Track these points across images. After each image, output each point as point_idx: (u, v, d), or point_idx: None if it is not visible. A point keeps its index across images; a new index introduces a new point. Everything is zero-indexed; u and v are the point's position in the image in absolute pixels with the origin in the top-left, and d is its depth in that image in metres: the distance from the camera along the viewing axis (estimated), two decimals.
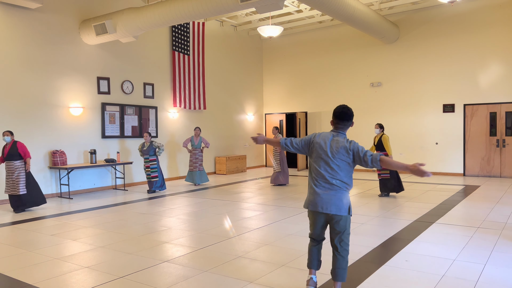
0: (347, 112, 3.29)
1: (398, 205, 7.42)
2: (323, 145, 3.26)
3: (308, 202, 3.38)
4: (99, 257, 4.58)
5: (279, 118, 15.62)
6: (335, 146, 3.23)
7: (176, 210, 7.32)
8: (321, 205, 3.28)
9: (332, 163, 3.22)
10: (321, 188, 3.26)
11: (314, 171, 3.31)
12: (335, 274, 3.32)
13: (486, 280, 3.69)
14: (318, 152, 3.28)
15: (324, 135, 3.32)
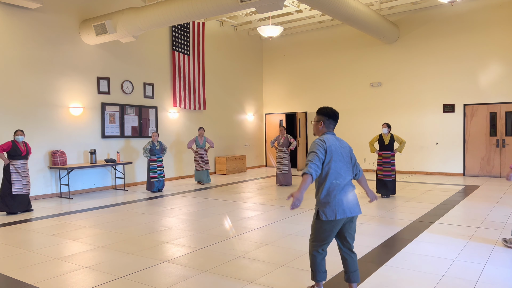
0: (337, 113, 3.36)
1: (398, 205, 7.42)
2: (338, 148, 3.22)
3: (335, 211, 3.11)
4: (99, 257, 4.58)
5: (279, 118, 15.62)
6: (344, 146, 3.29)
7: (176, 210, 7.32)
8: (349, 210, 3.18)
9: (347, 164, 3.28)
10: (346, 192, 3.21)
11: (336, 176, 3.18)
12: (354, 276, 3.26)
13: (486, 280, 3.69)
14: (335, 156, 3.18)
15: (331, 137, 3.25)
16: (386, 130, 8.31)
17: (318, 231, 3.20)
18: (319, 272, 3.28)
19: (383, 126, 8.35)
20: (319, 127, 3.32)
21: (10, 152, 7.10)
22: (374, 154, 13.44)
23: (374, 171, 13.35)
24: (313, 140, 3.25)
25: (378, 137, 8.47)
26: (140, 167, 10.92)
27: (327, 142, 3.17)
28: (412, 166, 12.58)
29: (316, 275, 3.29)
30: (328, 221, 3.13)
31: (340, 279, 3.79)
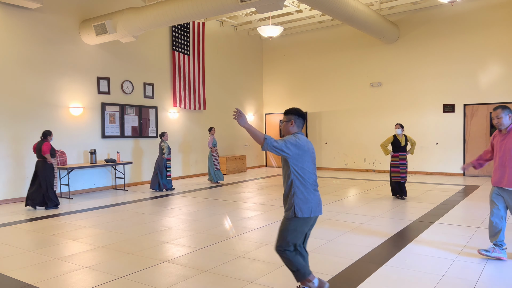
0: (305, 113, 3.40)
1: (398, 205, 7.42)
2: (311, 148, 3.28)
3: (311, 209, 3.17)
4: (99, 257, 4.58)
5: (279, 118, 15.62)
6: (312, 148, 3.33)
7: (176, 210, 7.32)
8: (319, 209, 3.27)
9: (315, 166, 3.34)
10: (316, 191, 3.28)
11: (309, 175, 3.21)
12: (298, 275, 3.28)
13: (486, 280, 3.69)
14: (307, 156, 3.21)
15: (303, 137, 3.27)
16: (400, 130, 7.94)
17: (295, 230, 3.18)
18: (303, 266, 3.22)
19: (397, 127, 7.97)
20: (289, 127, 3.31)
21: (51, 151, 7.54)
22: (373, 154, 13.44)
23: (374, 171, 13.37)
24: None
25: (393, 138, 8.03)
26: (140, 167, 10.93)
27: (300, 141, 3.18)
28: (412, 166, 12.58)
29: (303, 273, 3.22)
30: (304, 218, 3.16)
31: (340, 279, 3.79)
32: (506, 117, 4.15)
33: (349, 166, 13.99)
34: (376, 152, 13.35)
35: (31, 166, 8.61)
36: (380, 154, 13.22)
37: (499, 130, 4.29)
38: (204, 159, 13.02)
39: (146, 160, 11.13)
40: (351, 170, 13.87)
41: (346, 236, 5.28)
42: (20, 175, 8.48)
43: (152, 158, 11.27)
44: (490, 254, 4.23)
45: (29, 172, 8.56)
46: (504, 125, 4.16)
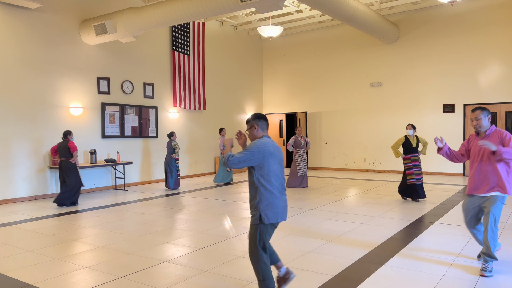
0: (265, 116, 3.47)
1: (398, 205, 7.42)
2: (277, 151, 3.26)
3: (277, 214, 3.18)
4: (99, 257, 4.58)
5: (279, 118, 15.62)
6: (279, 151, 3.32)
7: (176, 210, 7.32)
8: (286, 213, 3.29)
9: (282, 168, 3.31)
10: (283, 195, 3.27)
11: (275, 178, 3.20)
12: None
13: (486, 280, 3.69)
14: (273, 159, 3.20)
15: (268, 140, 3.27)
16: (411, 131, 7.68)
17: (262, 235, 3.18)
18: (270, 278, 3.21)
19: (408, 128, 7.71)
20: (254, 132, 3.32)
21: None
22: (373, 154, 13.44)
23: (374, 171, 13.37)
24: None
25: (404, 139, 7.77)
26: (140, 167, 10.93)
27: (264, 145, 3.17)
28: None
29: (269, 284, 3.20)
30: (271, 224, 3.18)
31: (340, 279, 3.79)
32: (485, 118, 3.91)
33: (349, 166, 13.99)
34: (376, 152, 13.35)
35: (31, 166, 8.61)
36: (380, 154, 13.22)
37: (476, 133, 4.02)
38: (204, 159, 13.02)
39: (146, 160, 11.13)
40: (351, 170, 13.87)
41: (346, 236, 5.28)
42: (21, 175, 8.48)
43: (152, 158, 11.28)
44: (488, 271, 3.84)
45: (29, 172, 8.57)
46: (483, 127, 3.91)
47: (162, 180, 11.53)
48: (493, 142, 3.79)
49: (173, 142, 9.93)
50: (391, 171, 13.00)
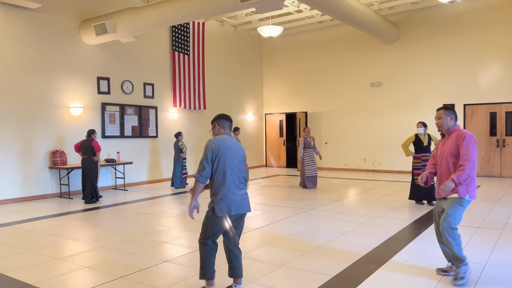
0: (228, 115, 3.63)
1: (398, 205, 7.42)
2: (233, 147, 3.39)
3: (230, 207, 3.37)
4: (99, 257, 4.58)
5: (279, 118, 15.62)
6: (239, 147, 3.47)
7: (176, 210, 7.32)
8: (242, 207, 3.44)
9: (241, 164, 3.44)
10: (240, 189, 3.41)
11: (231, 172, 3.34)
12: (239, 272, 3.44)
13: (486, 280, 3.69)
14: (229, 153, 3.35)
15: (226, 137, 3.43)
16: (422, 129, 7.32)
17: (212, 226, 3.39)
18: (209, 269, 3.40)
19: (419, 126, 7.35)
20: (215, 131, 3.53)
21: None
22: (373, 154, 13.44)
23: (374, 171, 13.37)
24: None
25: (414, 138, 7.41)
26: (140, 167, 10.93)
27: (216, 143, 3.34)
28: None
29: (206, 273, 3.39)
30: (223, 216, 3.35)
31: (340, 279, 3.79)
32: (448, 118, 3.74)
33: (349, 166, 13.99)
34: (376, 152, 13.35)
35: (31, 166, 8.61)
36: (380, 154, 13.22)
37: (442, 135, 3.85)
38: None
39: (146, 160, 11.13)
40: (351, 170, 13.87)
41: (346, 236, 5.28)
42: (21, 175, 8.48)
43: (152, 158, 11.28)
44: (449, 273, 3.77)
45: (29, 172, 8.57)
46: (444, 127, 3.75)
47: (162, 180, 11.54)
48: (450, 143, 3.67)
49: (180, 142, 10.14)
50: (391, 171, 13.00)
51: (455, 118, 3.79)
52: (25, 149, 8.53)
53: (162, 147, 11.53)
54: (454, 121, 3.79)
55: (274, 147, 15.67)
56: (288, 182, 11.07)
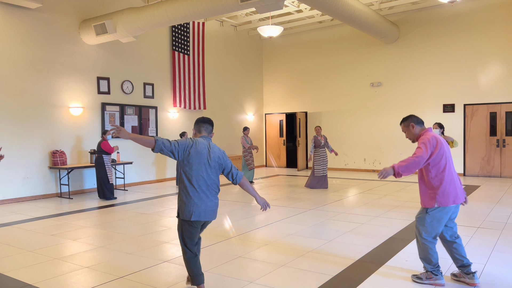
0: (207, 118, 3.56)
1: (398, 205, 7.42)
2: (205, 153, 3.31)
3: (191, 212, 3.28)
4: (99, 257, 4.58)
5: (279, 118, 15.62)
6: (214, 152, 3.38)
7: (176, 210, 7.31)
8: (204, 214, 3.35)
9: (213, 170, 3.36)
10: (206, 195, 3.33)
11: (197, 178, 3.27)
12: (202, 278, 3.42)
13: (486, 280, 3.69)
14: (198, 158, 3.28)
15: (200, 140, 3.38)
16: (438, 131, 6.81)
17: (182, 230, 3.38)
18: (197, 273, 3.37)
19: (434, 127, 6.89)
20: (193, 135, 3.56)
21: (108, 149, 8.51)
22: (373, 154, 13.44)
23: (374, 171, 13.37)
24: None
25: None
26: (140, 167, 10.93)
27: (193, 143, 3.29)
28: None
29: (197, 277, 3.37)
30: (186, 220, 3.29)
31: (340, 279, 3.79)
32: (409, 128, 3.67)
33: (349, 166, 13.99)
34: (376, 152, 13.35)
35: (31, 166, 8.61)
36: (380, 154, 13.22)
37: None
38: None
39: (146, 160, 11.13)
40: (351, 170, 13.87)
41: (346, 236, 5.28)
42: (21, 175, 8.48)
43: (152, 158, 11.27)
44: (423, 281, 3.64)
45: (29, 172, 8.57)
46: (412, 137, 3.70)
47: (162, 180, 11.54)
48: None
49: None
50: None
51: (416, 122, 3.67)
52: (25, 149, 8.53)
53: None
54: (418, 126, 3.66)
55: (274, 147, 15.67)
56: (288, 182, 11.07)
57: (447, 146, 3.62)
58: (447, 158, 3.54)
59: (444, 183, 3.49)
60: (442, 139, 3.59)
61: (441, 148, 3.50)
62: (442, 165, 3.50)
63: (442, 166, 3.49)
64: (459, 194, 3.55)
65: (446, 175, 3.49)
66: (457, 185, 3.57)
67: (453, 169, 3.61)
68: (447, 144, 3.66)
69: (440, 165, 3.49)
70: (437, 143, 3.49)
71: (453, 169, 3.60)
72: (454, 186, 3.53)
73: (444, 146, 3.56)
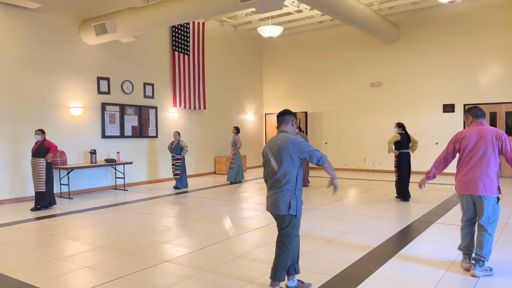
0: (282, 112, 3.55)
1: (398, 205, 7.42)
2: (273, 147, 3.40)
3: (267, 205, 3.51)
4: (99, 257, 4.58)
5: None
6: (282, 142, 3.36)
7: (176, 210, 7.32)
8: (270, 207, 3.45)
9: (283, 162, 3.34)
10: (270, 190, 3.44)
11: (265, 174, 3.50)
12: (272, 273, 3.42)
13: (486, 280, 3.69)
14: (268, 155, 3.42)
15: (273, 138, 3.47)
16: (397, 130, 7.96)
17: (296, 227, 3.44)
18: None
19: (395, 127, 8.02)
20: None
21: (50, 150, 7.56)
22: (373, 154, 13.44)
23: (374, 171, 13.37)
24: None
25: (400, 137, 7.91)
26: (140, 167, 10.93)
27: (267, 143, 3.49)
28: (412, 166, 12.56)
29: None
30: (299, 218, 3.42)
31: (340, 279, 3.79)
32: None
33: (349, 166, 13.99)
34: (376, 152, 13.35)
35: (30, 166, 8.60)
36: (380, 154, 13.22)
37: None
38: (204, 159, 13.03)
39: (146, 160, 11.13)
40: (351, 170, 13.87)
41: (346, 236, 5.28)
42: (20, 175, 8.48)
43: (152, 158, 11.27)
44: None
45: (29, 172, 8.57)
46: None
47: (162, 180, 11.54)
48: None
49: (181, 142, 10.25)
50: (391, 171, 12.99)
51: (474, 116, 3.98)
52: (25, 149, 8.53)
53: (162, 147, 11.53)
54: (475, 119, 3.97)
55: None
56: None
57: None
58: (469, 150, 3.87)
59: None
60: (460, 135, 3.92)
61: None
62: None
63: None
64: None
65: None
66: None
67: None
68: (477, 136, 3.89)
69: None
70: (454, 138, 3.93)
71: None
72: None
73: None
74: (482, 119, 3.95)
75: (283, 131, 3.45)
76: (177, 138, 10.03)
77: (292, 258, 3.38)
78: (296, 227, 3.37)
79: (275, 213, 3.36)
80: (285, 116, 3.47)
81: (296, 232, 3.38)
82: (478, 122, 3.93)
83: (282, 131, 3.45)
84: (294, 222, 3.35)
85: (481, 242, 3.80)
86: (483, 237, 3.81)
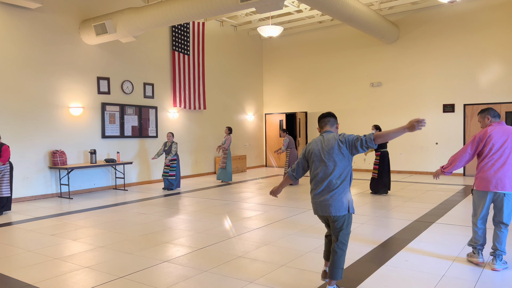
0: (326, 113, 3.56)
1: (398, 205, 7.42)
2: (318, 149, 3.40)
3: (313, 208, 3.52)
4: (99, 257, 4.58)
5: (279, 118, 15.62)
6: (327, 140, 3.38)
7: (176, 210, 7.32)
8: (320, 209, 3.45)
9: (329, 162, 3.34)
10: (318, 191, 3.40)
11: (312, 177, 3.46)
12: (330, 273, 3.40)
13: (486, 280, 3.69)
14: (314, 157, 3.41)
15: (316, 139, 3.49)
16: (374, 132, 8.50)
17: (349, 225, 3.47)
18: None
19: (372, 129, 8.53)
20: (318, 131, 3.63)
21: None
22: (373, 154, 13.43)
23: None
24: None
25: None
26: (140, 167, 10.93)
27: (308, 146, 3.49)
28: (412, 166, 12.58)
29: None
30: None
31: None
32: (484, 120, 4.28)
33: None
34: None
35: (31, 166, 8.62)
36: None
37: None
38: (204, 159, 13.03)
39: (146, 160, 11.13)
40: None
41: None
42: (21, 175, 8.48)
43: None
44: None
45: (27, 172, 8.57)
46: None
47: (162, 180, 11.54)
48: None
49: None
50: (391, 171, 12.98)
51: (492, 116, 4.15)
52: (25, 149, 8.53)
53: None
54: (493, 119, 4.18)
55: (274, 147, 15.67)
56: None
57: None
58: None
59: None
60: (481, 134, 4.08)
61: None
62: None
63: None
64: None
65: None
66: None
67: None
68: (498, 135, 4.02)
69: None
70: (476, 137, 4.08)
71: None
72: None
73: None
74: (499, 119, 4.14)
75: (328, 131, 3.45)
76: (171, 140, 9.92)
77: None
78: (351, 222, 3.43)
79: (332, 215, 3.31)
80: (331, 118, 3.50)
81: (351, 227, 3.44)
82: (497, 122, 4.10)
83: (328, 131, 3.46)
84: (350, 219, 3.40)
85: (501, 238, 3.97)
86: (502, 233, 3.98)
